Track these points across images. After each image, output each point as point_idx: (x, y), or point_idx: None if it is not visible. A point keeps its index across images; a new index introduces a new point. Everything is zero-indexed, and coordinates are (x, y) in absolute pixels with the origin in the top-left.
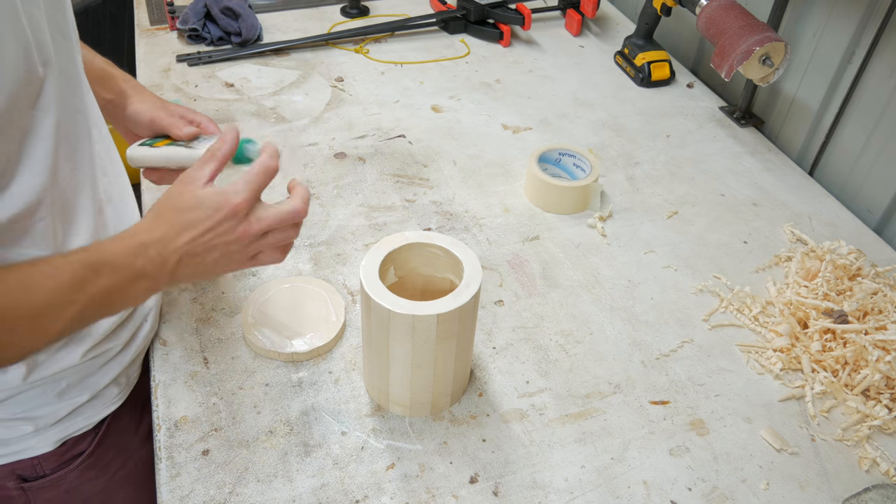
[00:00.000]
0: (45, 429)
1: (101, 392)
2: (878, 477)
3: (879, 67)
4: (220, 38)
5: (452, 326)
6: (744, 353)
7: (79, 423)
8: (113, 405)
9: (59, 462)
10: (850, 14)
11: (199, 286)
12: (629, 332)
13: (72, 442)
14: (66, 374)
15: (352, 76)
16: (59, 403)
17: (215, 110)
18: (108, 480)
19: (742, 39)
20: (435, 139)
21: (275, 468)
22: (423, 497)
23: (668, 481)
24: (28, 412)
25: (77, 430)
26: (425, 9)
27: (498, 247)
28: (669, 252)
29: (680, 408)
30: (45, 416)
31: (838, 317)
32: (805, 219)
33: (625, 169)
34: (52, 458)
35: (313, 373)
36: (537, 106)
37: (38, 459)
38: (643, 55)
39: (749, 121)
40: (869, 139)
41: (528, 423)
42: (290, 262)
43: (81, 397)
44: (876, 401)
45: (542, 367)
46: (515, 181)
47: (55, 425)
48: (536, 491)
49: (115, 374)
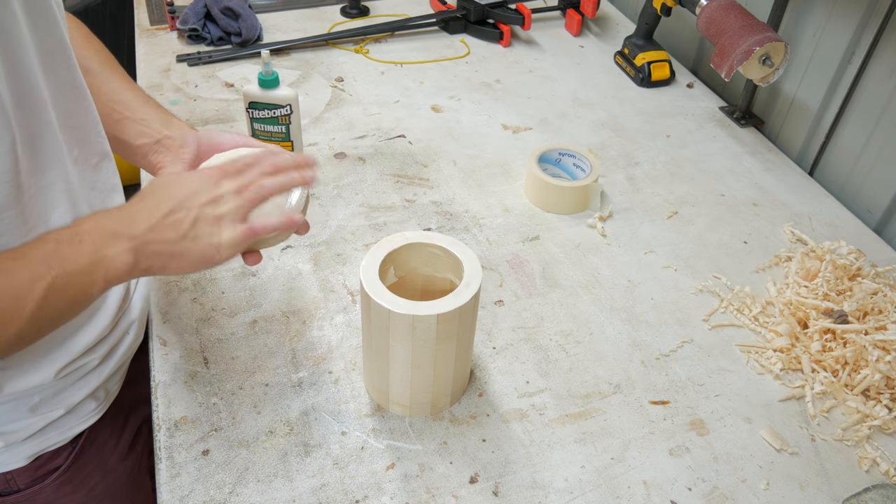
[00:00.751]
0: (16, 444)
1: (76, 406)
2: (878, 477)
3: (879, 67)
4: (219, 38)
5: (452, 326)
6: (744, 353)
7: (53, 438)
8: (90, 419)
9: (34, 477)
10: (850, 14)
11: (198, 287)
12: (629, 332)
13: (47, 457)
14: (39, 389)
15: (352, 76)
16: (31, 418)
17: (215, 110)
18: (86, 495)
19: (742, 39)
20: (435, 139)
21: (275, 468)
22: (423, 497)
23: (668, 481)
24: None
25: (52, 445)
26: (425, 9)
27: (498, 247)
28: (669, 252)
29: (680, 408)
30: (17, 430)
31: (838, 317)
32: (805, 219)
33: (625, 169)
34: (26, 472)
35: (313, 373)
36: (537, 106)
37: (11, 474)
38: (643, 55)
39: (749, 121)
40: (869, 139)
41: (528, 423)
42: (290, 261)
43: (56, 412)
44: (876, 401)
45: (542, 367)
46: (515, 181)
47: (28, 440)
48: (536, 491)
49: (93, 388)
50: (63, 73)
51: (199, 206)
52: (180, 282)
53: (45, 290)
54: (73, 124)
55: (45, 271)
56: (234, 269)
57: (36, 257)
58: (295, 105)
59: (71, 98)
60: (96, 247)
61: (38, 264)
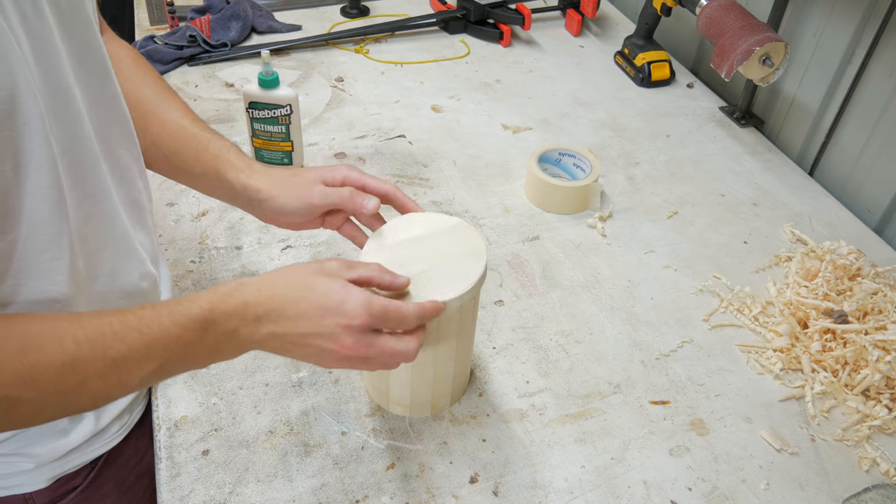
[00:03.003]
0: (42, 465)
1: (103, 430)
2: (878, 477)
3: (879, 67)
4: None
5: (452, 326)
6: (744, 353)
7: (76, 461)
8: (113, 441)
9: (52, 497)
10: (850, 14)
11: (199, 287)
12: (629, 332)
13: (67, 477)
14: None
15: (352, 76)
16: (58, 441)
17: (215, 110)
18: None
19: (742, 39)
20: (435, 139)
21: (275, 468)
22: (423, 497)
23: (668, 481)
24: (27, 448)
25: (73, 467)
26: (425, 9)
27: (498, 247)
28: (669, 252)
29: (680, 408)
30: (44, 453)
31: (838, 317)
32: (805, 219)
33: (625, 169)
34: (45, 493)
35: (313, 373)
36: (537, 106)
37: (31, 495)
38: (643, 55)
39: (749, 121)
40: (869, 139)
41: (528, 423)
42: (290, 261)
43: (82, 434)
44: (876, 401)
45: (542, 367)
46: (515, 181)
47: (52, 463)
48: (536, 491)
49: (119, 412)
50: (97, 83)
51: (327, 350)
52: (180, 282)
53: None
54: (106, 135)
55: (162, 356)
56: (234, 270)
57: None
58: (295, 105)
59: (105, 108)
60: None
61: (158, 350)
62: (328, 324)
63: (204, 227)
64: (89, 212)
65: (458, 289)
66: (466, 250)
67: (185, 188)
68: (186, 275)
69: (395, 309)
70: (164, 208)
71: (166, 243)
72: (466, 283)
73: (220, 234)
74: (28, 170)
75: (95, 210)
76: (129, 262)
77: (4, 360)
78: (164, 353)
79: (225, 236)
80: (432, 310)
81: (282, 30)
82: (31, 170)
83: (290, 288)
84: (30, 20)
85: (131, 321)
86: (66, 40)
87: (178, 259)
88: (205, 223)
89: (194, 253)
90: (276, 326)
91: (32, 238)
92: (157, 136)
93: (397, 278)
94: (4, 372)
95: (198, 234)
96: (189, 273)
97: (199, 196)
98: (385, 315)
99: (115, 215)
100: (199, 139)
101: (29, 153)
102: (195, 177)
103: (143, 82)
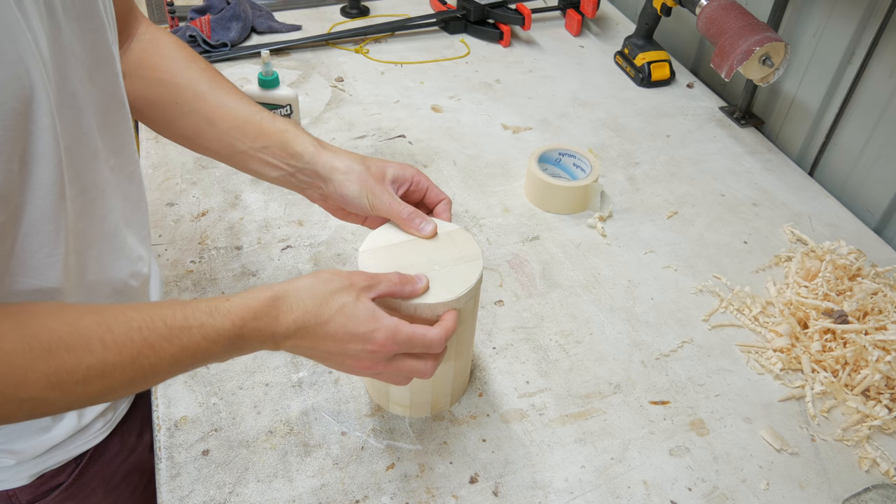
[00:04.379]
0: (23, 462)
1: (86, 427)
2: (878, 477)
3: (879, 67)
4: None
5: None
6: (744, 353)
7: (58, 457)
8: (97, 438)
9: (36, 494)
10: (850, 14)
11: (199, 287)
12: (629, 332)
13: (50, 474)
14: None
15: (352, 76)
16: (40, 437)
17: None
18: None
19: (742, 39)
20: (435, 139)
21: (275, 468)
22: (423, 497)
23: (668, 481)
24: (8, 444)
25: (56, 464)
26: (425, 9)
27: (498, 247)
28: (669, 252)
29: (680, 408)
30: (25, 449)
31: (838, 317)
32: (805, 219)
33: (625, 169)
34: (28, 489)
35: (313, 373)
36: (537, 106)
37: (14, 492)
38: (643, 55)
39: (749, 121)
40: (869, 139)
41: (528, 423)
42: (290, 261)
43: (64, 431)
44: (876, 401)
45: (542, 367)
46: (515, 181)
47: (34, 459)
48: (536, 491)
49: (103, 409)
50: (105, 81)
51: (346, 365)
52: (180, 282)
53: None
54: (111, 133)
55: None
56: (234, 270)
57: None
58: (295, 105)
59: (111, 107)
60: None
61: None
62: (354, 348)
63: (204, 227)
64: (83, 207)
65: (457, 291)
66: (463, 253)
67: (185, 188)
68: (186, 275)
69: (420, 336)
70: (164, 208)
71: (166, 243)
72: (466, 284)
73: (220, 234)
74: (34, 167)
75: (89, 206)
76: (118, 259)
77: (32, 359)
78: (190, 363)
79: (225, 236)
80: (454, 327)
81: (282, 30)
82: (38, 168)
83: (320, 306)
84: (45, 20)
85: (160, 328)
86: (78, 39)
87: (178, 259)
88: (205, 223)
89: (194, 253)
90: (302, 342)
91: (32, 236)
92: (212, 114)
93: (417, 286)
94: (32, 373)
95: (198, 234)
96: (189, 273)
97: (199, 196)
98: (410, 343)
99: (107, 212)
100: (262, 114)
101: (37, 151)
102: (251, 153)
103: (194, 63)
